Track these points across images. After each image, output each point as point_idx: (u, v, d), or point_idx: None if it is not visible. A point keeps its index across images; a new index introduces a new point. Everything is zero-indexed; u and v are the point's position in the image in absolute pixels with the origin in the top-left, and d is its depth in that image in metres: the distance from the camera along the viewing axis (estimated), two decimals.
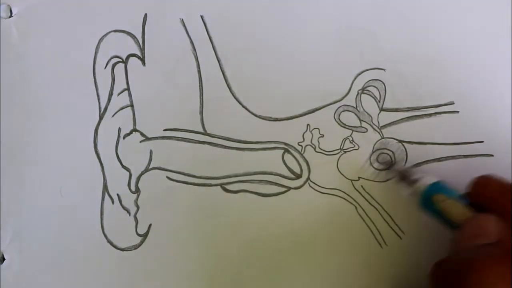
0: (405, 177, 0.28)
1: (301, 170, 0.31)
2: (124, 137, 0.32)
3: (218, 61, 0.31)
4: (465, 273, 0.22)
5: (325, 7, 0.31)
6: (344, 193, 0.30)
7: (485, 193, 0.25)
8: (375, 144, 0.31)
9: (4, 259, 0.31)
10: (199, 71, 0.31)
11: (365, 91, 0.31)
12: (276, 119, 0.31)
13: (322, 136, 0.31)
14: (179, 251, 0.31)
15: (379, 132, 0.31)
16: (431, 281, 0.24)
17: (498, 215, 0.24)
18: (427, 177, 0.27)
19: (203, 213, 0.31)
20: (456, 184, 0.29)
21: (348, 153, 0.31)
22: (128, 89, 0.32)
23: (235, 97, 0.31)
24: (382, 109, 0.31)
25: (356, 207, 0.30)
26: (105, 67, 0.32)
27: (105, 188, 0.31)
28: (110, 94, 0.32)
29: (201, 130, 0.31)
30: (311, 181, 0.31)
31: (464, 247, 0.24)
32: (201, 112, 0.31)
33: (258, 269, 0.31)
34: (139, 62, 0.32)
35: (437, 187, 0.26)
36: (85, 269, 0.31)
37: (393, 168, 0.29)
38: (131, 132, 0.32)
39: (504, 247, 0.22)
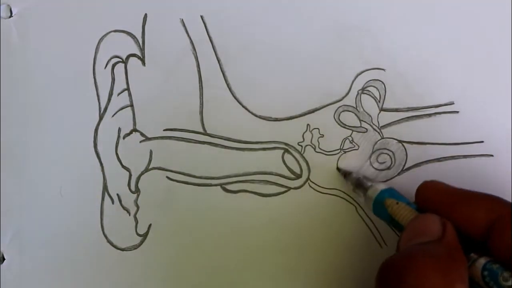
0: (359, 185, 0.28)
1: (301, 170, 0.31)
2: (124, 137, 0.32)
3: (218, 61, 0.31)
4: (404, 269, 0.21)
5: (325, 7, 0.31)
6: (344, 193, 0.30)
7: (429, 197, 0.25)
8: (375, 144, 0.31)
9: (4, 259, 0.31)
10: (199, 71, 0.31)
11: (365, 91, 0.31)
12: (276, 119, 0.31)
13: (322, 136, 0.31)
14: (179, 251, 0.31)
15: (379, 132, 0.31)
16: (375, 282, 0.23)
17: (442, 216, 0.24)
18: (379, 184, 0.28)
19: (203, 213, 0.31)
20: (455, 184, 0.29)
21: (348, 153, 0.31)
22: (128, 89, 0.32)
23: (235, 97, 0.31)
24: (382, 109, 0.31)
25: (356, 207, 0.30)
26: (105, 67, 0.32)
27: (105, 188, 0.31)
28: (110, 94, 0.32)
29: (201, 130, 0.31)
30: (311, 181, 0.31)
31: (406, 245, 0.23)
32: (201, 112, 0.31)
33: (258, 269, 0.31)
34: (139, 62, 0.32)
35: (388, 193, 0.27)
36: (85, 269, 0.31)
37: (349, 176, 0.29)
38: (131, 132, 0.32)
39: (444, 244, 0.22)
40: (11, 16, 0.32)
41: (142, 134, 0.31)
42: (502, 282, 0.21)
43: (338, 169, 0.30)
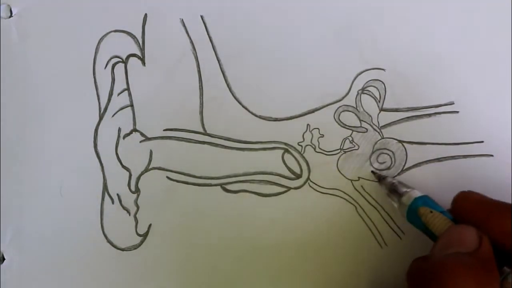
0: (394, 190, 0.28)
1: (301, 170, 0.31)
2: (124, 137, 0.32)
3: (218, 61, 0.31)
4: (439, 276, 0.22)
5: (325, 7, 0.31)
6: (344, 193, 0.30)
7: (465, 207, 0.25)
8: (375, 144, 0.31)
9: (4, 259, 0.31)
10: (199, 71, 0.31)
11: (365, 91, 0.31)
12: (276, 119, 0.31)
13: (322, 136, 0.31)
14: (179, 251, 0.31)
15: (379, 132, 0.31)
16: (408, 278, 0.24)
17: (477, 227, 0.24)
18: (414, 191, 0.28)
19: (203, 213, 0.31)
20: (455, 184, 0.29)
21: (348, 153, 0.31)
22: (128, 89, 0.32)
23: (235, 97, 0.31)
24: (382, 109, 0.31)
25: (356, 207, 0.30)
26: (105, 67, 0.32)
27: (105, 188, 0.31)
28: (110, 94, 0.32)
29: (201, 130, 0.31)
30: (311, 181, 0.31)
31: (440, 253, 0.24)
32: (201, 112, 0.31)
33: (258, 269, 0.31)
34: (139, 62, 0.32)
35: (422, 201, 0.27)
36: (85, 269, 0.31)
37: (383, 181, 0.29)
38: (131, 132, 0.32)
39: (479, 257, 0.22)
40: (11, 16, 0.32)
41: (142, 134, 0.31)
42: None
43: (373, 172, 0.30)
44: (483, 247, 0.23)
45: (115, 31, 0.32)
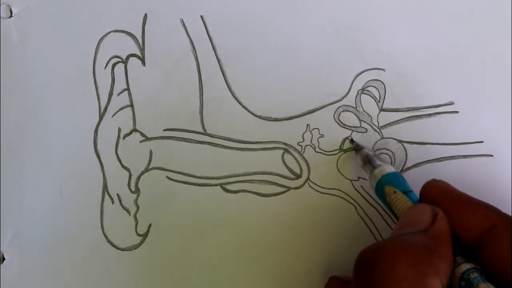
0: (368, 162, 0.28)
1: (301, 170, 0.31)
2: (124, 137, 0.32)
3: (218, 61, 0.31)
4: (376, 258, 0.21)
5: (325, 7, 0.31)
6: (344, 193, 0.30)
7: (432, 195, 0.25)
8: (375, 144, 0.31)
9: (4, 259, 0.31)
10: (199, 71, 0.31)
11: (364, 91, 0.31)
12: (276, 119, 0.31)
13: (322, 136, 0.31)
14: (179, 251, 0.31)
15: (378, 132, 0.31)
16: (354, 265, 0.23)
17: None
18: (387, 166, 0.27)
19: (203, 213, 0.31)
20: (455, 184, 0.29)
21: (348, 153, 0.31)
22: (128, 89, 0.32)
23: (235, 97, 0.31)
24: (381, 109, 0.31)
25: (355, 207, 0.30)
26: (105, 67, 0.32)
27: (105, 188, 0.31)
28: (110, 94, 0.32)
29: (201, 130, 0.31)
30: (310, 181, 0.31)
31: (393, 235, 0.23)
32: (201, 112, 0.31)
33: (258, 268, 0.31)
34: (139, 62, 0.32)
35: (389, 178, 0.26)
36: (85, 269, 0.31)
37: (360, 151, 0.29)
38: (131, 132, 0.32)
39: (430, 234, 0.22)
40: (11, 16, 0.32)
41: (142, 134, 0.31)
42: None
43: (352, 141, 0.30)
44: (435, 225, 0.22)
45: (115, 31, 0.32)
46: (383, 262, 0.21)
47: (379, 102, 0.31)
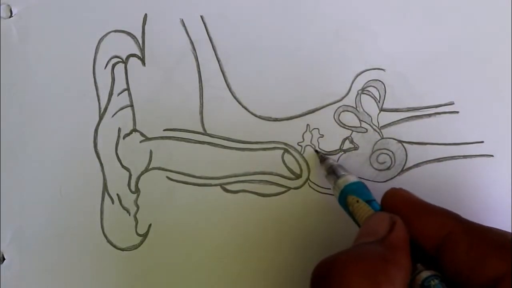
0: (332, 172, 0.28)
1: (301, 170, 0.31)
2: (124, 137, 0.32)
3: (218, 61, 0.31)
4: (329, 271, 0.21)
5: (325, 6, 0.31)
6: None
7: (392, 204, 0.25)
8: (375, 145, 0.31)
9: (4, 259, 0.31)
10: (199, 71, 0.31)
11: (365, 91, 0.31)
12: (276, 119, 0.31)
13: (322, 136, 0.31)
14: (179, 251, 0.31)
15: (379, 133, 0.31)
16: (310, 282, 0.23)
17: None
18: (351, 176, 0.27)
19: (203, 213, 0.31)
20: (455, 184, 0.29)
21: (348, 153, 0.31)
22: (128, 89, 0.32)
23: (235, 97, 0.31)
24: (382, 110, 0.31)
25: None
26: (105, 67, 0.32)
27: (105, 188, 0.31)
28: (110, 94, 0.32)
29: (201, 130, 0.31)
30: (310, 181, 0.31)
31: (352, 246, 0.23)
32: (201, 112, 0.31)
33: (258, 268, 0.31)
34: (139, 62, 0.32)
35: (352, 188, 0.26)
36: (85, 269, 0.31)
37: (324, 162, 0.29)
38: (131, 132, 0.32)
39: (385, 244, 0.22)
40: (11, 16, 0.32)
41: (142, 134, 0.31)
42: None
43: (316, 151, 0.30)
44: (393, 233, 0.22)
45: (115, 31, 0.32)
46: (337, 275, 0.20)
47: (379, 102, 0.31)
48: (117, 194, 0.31)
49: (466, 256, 0.21)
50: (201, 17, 0.32)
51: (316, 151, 0.30)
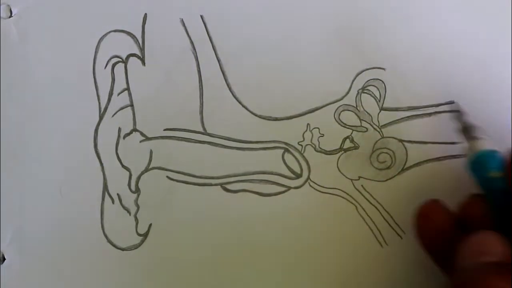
0: (467, 130, 0.28)
1: (301, 169, 0.31)
2: (124, 137, 0.32)
3: (218, 61, 0.31)
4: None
5: (325, 6, 0.31)
6: (345, 192, 0.30)
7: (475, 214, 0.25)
8: (375, 144, 0.31)
9: (4, 259, 0.31)
10: (199, 71, 0.31)
11: (365, 91, 0.31)
12: (276, 119, 0.31)
13: (322, 135, 0.31)
14: (179, 251, 0.31)
15: (379, 132, 0.31)
16: None
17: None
18: (486, 141, 0.27)
19: (203, 213, 0.31)
20: (456, 184, 0.29)
21: (349, 152, 0.31)
22: (128, 89, 0.32)
23: (235, 97, 0.31)
24: (382, 109, 0.31)
25: (356, 207, 0.30)
26: (105, 67, 0.32)
27: (105, 188, 0.31)
28: (110, 94, 0.32)
29: (201, 130, 0.31)
30: (311, 180, 0.31)
31: (470, 264, 0.23)
32: (201, 112, 0.31)
33: (258, 268, 0.31)
34: (139, 62, 0.32)
35: (495, 163, 0.26)
36: (85, 269, 0.31)
37: (460, 117, 0.29)
38: (131, 132, 0.32)
39: (508, 266, 0.22)
40: (11, 16, 0.32)
41: (142, 134, 0.31)
42: None
43: (452, 102, 0.30)
44: (507, 254, 0.23)
45: (115, 31, 0.32)
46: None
47: (379, 101, 0.31)
48: (117, 194, 0.31)
49: None
50: (201, 17, 0.32)
51: (452, 102, 0.29)
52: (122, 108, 0.32)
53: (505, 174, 0.25)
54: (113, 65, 0.32)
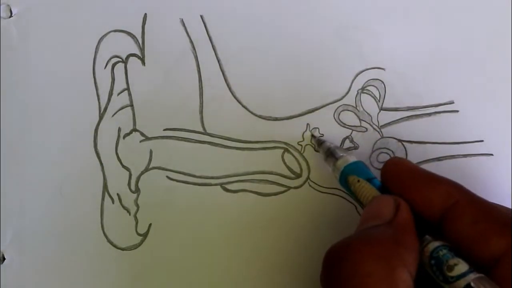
0: (331, 154, 0.28)
1: (301, 169, 0.31)
2: (124, 137, 0.32)
3: (218, 61, 0.31)
4: (343, 255, 0.21)
5: (325, 6, 0.31)
6: (344, 192, 0.30)
7: (393, 172, 0.24)
8: (375, 144, 0.31)
9: (4, 259, 0.31)
10: (199, 71, 0.31)
11: (364, 91, 0.31)
12: (276, 119, 0.31)
13: (322, 135, 0.31)
14: (179, 251, 0.31)
15: (379, 132, 0.31)
16: (321, 267, 0.22)
17: (404, 197, 0.23)
18: (348, 157, 0.27)
19: (203, 213, 0.31)
20: None
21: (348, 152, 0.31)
22: (128, 89, 0.32)
23: (235, 97, 0.31)
24: (382, 109, 0.31)
25: (356, 207, 0.30)
26: (105, 67, 0.32)
27: (105, 187, 0.31)
28: (110, 94, 0.32)
29: (201, 130, 0.31)
30: (311, 180, 0.31)
31: (358, 229, 0.23)
32: (201, 112, 0.31)
33: (258, 268, 0.31)
34: (139, 62, 0.32)
35: (351, 168, 0.26)
36: (85, 269, 0.31)
37: (322, 145, 0.29)
38: (131, 132, 0.32)
39: (393, 227, 0.22)
40: (11, 16, 0.32)
41: (142, 134, 0.31)
42: (446, 271, 0.21)
43: (313, 136, 0.30)
44: (398, 216, 0.22)
45: (115, 31, 0.32)
46: (350, 259, 0.20)
47: (379, 101, 0.31)
48: (117, 194, 0.31)
49: (470, 229, 0.21)
50: (201, 17, 0.32)
51: (313, 135, 0.30)
52: (122, 108, 0.32)
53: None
54: (113, 65, 0.32)
